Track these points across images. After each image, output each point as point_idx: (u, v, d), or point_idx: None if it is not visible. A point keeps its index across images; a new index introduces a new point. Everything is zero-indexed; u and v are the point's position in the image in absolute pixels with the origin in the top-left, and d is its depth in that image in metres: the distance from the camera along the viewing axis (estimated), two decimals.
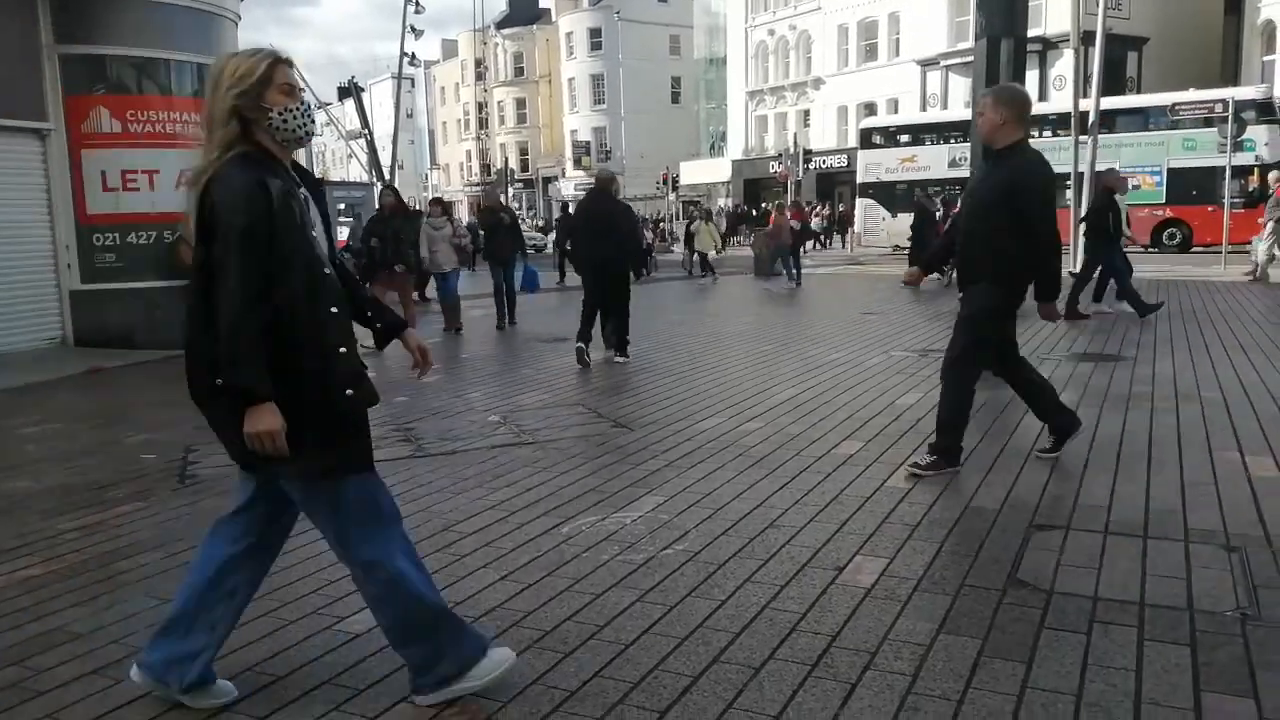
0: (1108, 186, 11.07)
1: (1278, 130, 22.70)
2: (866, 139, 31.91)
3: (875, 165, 30.49)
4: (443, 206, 13.39)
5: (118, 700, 2.67)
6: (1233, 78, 29.55)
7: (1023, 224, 4.49)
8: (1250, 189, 19.89)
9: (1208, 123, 22.72)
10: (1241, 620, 2.94)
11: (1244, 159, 19.60)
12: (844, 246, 33.76)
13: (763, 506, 4.24)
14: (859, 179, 31.21)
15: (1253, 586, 3.19)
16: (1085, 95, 18.58)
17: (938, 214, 17.18)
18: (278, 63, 2.45)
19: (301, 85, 2.54)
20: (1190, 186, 23.46)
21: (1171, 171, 24.32)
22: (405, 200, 12.11)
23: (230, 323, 2.29)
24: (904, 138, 30.87)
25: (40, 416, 7.09)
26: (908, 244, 17.58)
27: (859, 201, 32.00)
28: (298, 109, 2.45)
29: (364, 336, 2.68)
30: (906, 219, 19.63)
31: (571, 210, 26.59)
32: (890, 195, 29.02)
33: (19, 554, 3.96)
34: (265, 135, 2.43)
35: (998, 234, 4.54)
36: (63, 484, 5.10)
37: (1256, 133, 21.27)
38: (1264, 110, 22.70)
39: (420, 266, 11.20)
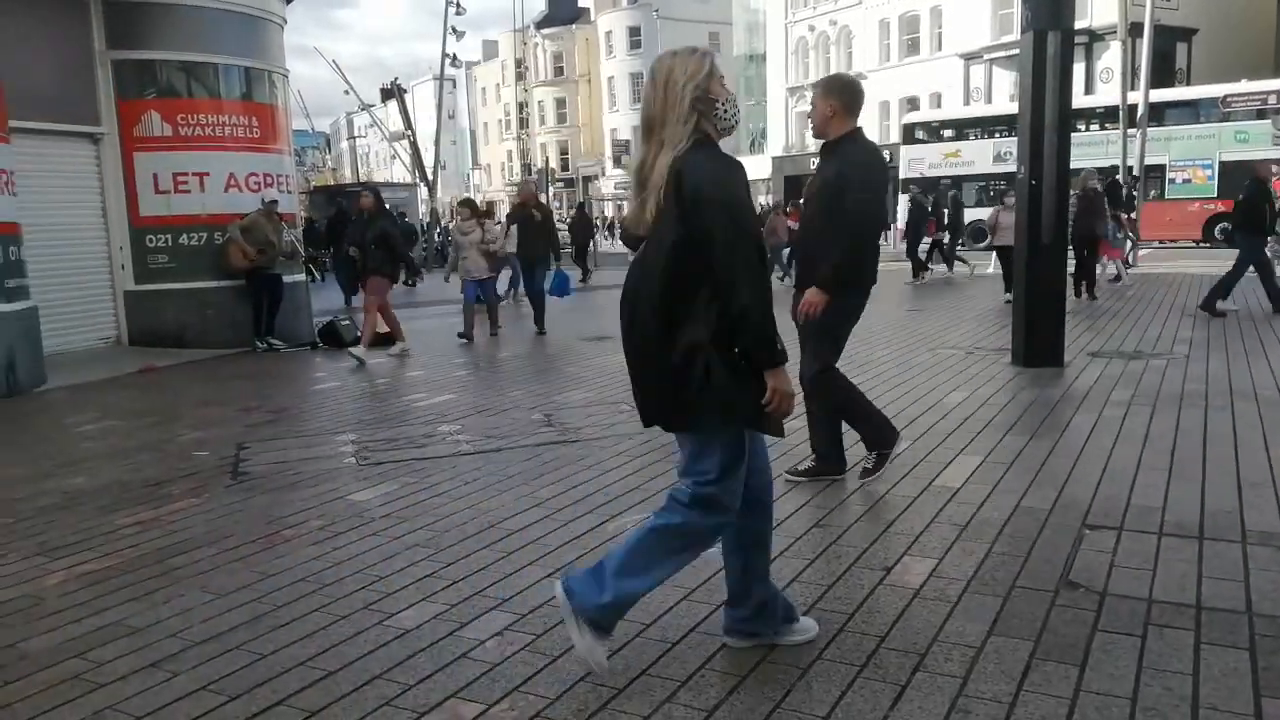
0: (1260, 175, 10.45)
1: None
2: (909, 134, 31.62)
3: (918, 160, 30.21)
4: (472, 209, 11.52)
5: (175, 693, 2.73)
6: None
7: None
8: None
9: (1261, 115, 22.23)
10: None
11: None
12: (886, 242, 33.47)
13: (808, 506, 4.22)
14: (902, 174, 30.93)
15: None
16: (1133, 88, 18.25)
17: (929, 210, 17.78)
18: (713, 58, 2.65)
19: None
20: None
21: (1224, 165, 23.78)
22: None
23: (762, 297, 2.48)
24: (947, 132, 30.54)
25: (96, 414, 7.26)
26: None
27: (901, 198, 31.69)
28: (733, 99, 2.65)
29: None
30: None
31: (586, 210, 26.92)
32: (934, 191, 28.78)
33: (77, 549, 4.06)
34: (709, 125, 2.59)
35: (836, 232, 4.15)
36: (119, 480, 5.21)
37: None
38: None
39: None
